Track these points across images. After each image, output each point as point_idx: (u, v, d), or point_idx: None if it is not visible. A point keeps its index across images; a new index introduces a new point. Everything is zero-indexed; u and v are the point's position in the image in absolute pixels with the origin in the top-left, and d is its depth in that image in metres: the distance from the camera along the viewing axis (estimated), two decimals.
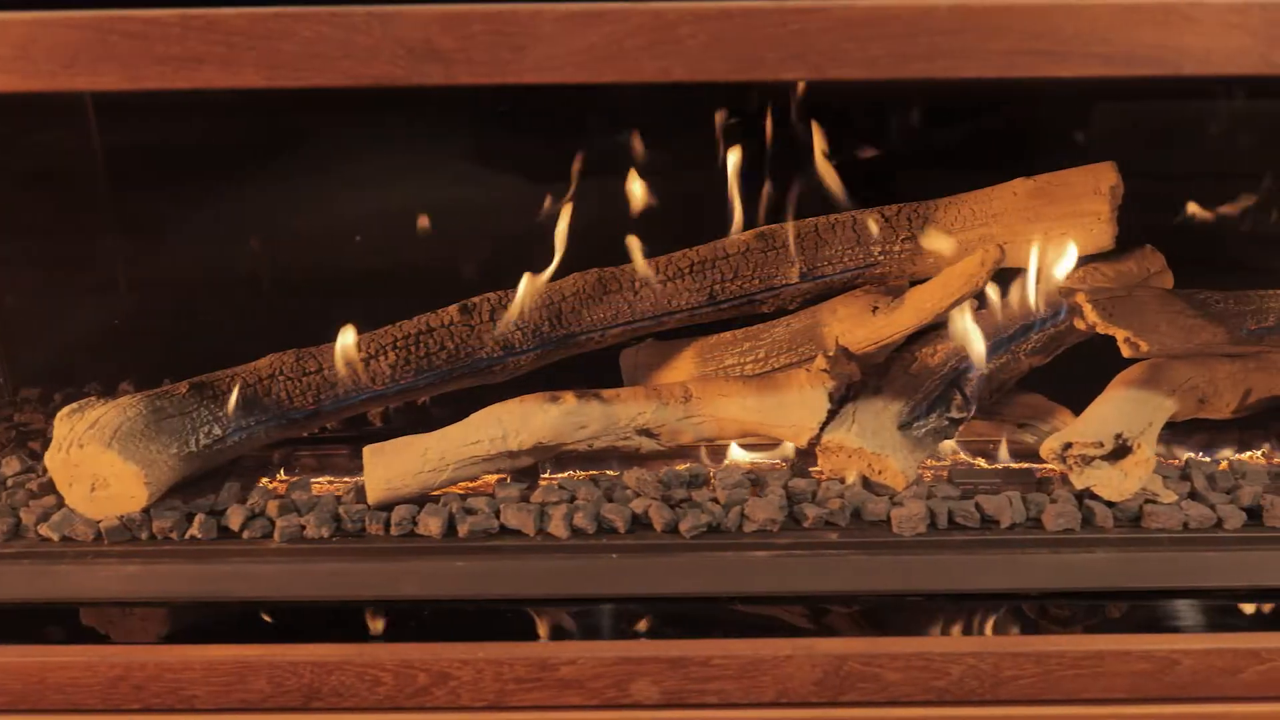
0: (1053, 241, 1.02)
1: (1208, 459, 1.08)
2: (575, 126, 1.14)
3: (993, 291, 1.00)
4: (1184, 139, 1.24)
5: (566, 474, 1.05)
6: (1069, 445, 0.96)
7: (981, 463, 1.07)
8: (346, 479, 1.06)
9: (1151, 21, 0.68)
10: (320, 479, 1.07)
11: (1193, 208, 1.19)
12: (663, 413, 1.01)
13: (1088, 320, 0.97)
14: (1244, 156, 1.23)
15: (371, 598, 0.93)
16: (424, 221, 1.17)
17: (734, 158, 1.07)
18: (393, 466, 0.98)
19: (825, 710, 0.86)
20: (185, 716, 0.86)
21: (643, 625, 0.91)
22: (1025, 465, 1.05)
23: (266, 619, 0.92)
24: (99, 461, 0.95)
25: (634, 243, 1.03)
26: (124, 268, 1.27)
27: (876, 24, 0.68)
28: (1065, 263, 1.00)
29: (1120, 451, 0.97)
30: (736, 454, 1.08)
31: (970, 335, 1.01)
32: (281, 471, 1.09)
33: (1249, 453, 1.10)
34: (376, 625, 0.91)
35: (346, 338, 1.03)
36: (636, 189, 1.05)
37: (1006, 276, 1.03)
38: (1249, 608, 0.91)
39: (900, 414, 1.01)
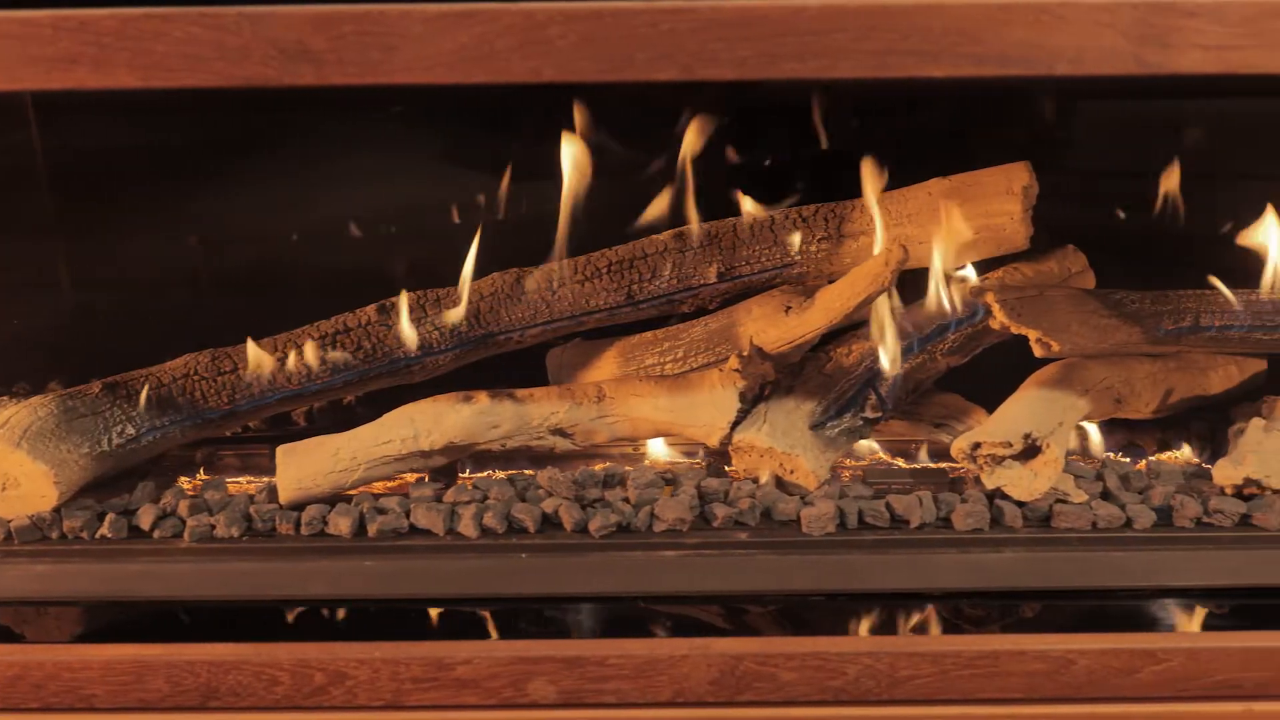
0: (968, 241, 1.01)
1: (1127, 459, 1.08)
2: (499, 125, 1.14)
3: (902, 292, 1.00)
4: (1144, 138, 1.24)
5: (485, 473, 1.05)
6: (978, 445, 0.96)
7: (901, 462, 1.08)
8: (266, 479, 1.06)
9: (1023, 21, 0.68)
10: (241, 479, 1.07)
11: (1138, 206, 1.19)
12: (576, 412, 1.01)
13: (995, 320, 0.97)
14: (1201, 156, 1.23)
15: (278, 597, 0.93)
16: (353, 221, 1.17)
17: (656, 158, 1.07)
18: (304, 466, 0.99)
19: (722, 710, 0.86)
20: (84, 716, 0.86)
21: (546, 625, 0.91)
22: (942, 465, 1.05)
23: (172, 619, 0.92)
24: (8, 461, 0.95)
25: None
26: (58, 268, 1.27)
27: (745, 24, 0.68)
28: (970, 263, 1.00)
29: (1031, 451, 0.97)
30: (656, 453, 1.08)
31: (885, 335, 1.01)
32: (202, 471, 1.09)
33: (1168, 453, 1.10)
34: (280, 625, 0.91)
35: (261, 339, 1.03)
36: (558, 189, 1.05)
37: (921, 277, 1.03)
38: (1153, 608, 0.91)
39: (813, 414, 1.01)
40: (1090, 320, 1.00)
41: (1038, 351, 0.99)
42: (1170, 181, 1.16)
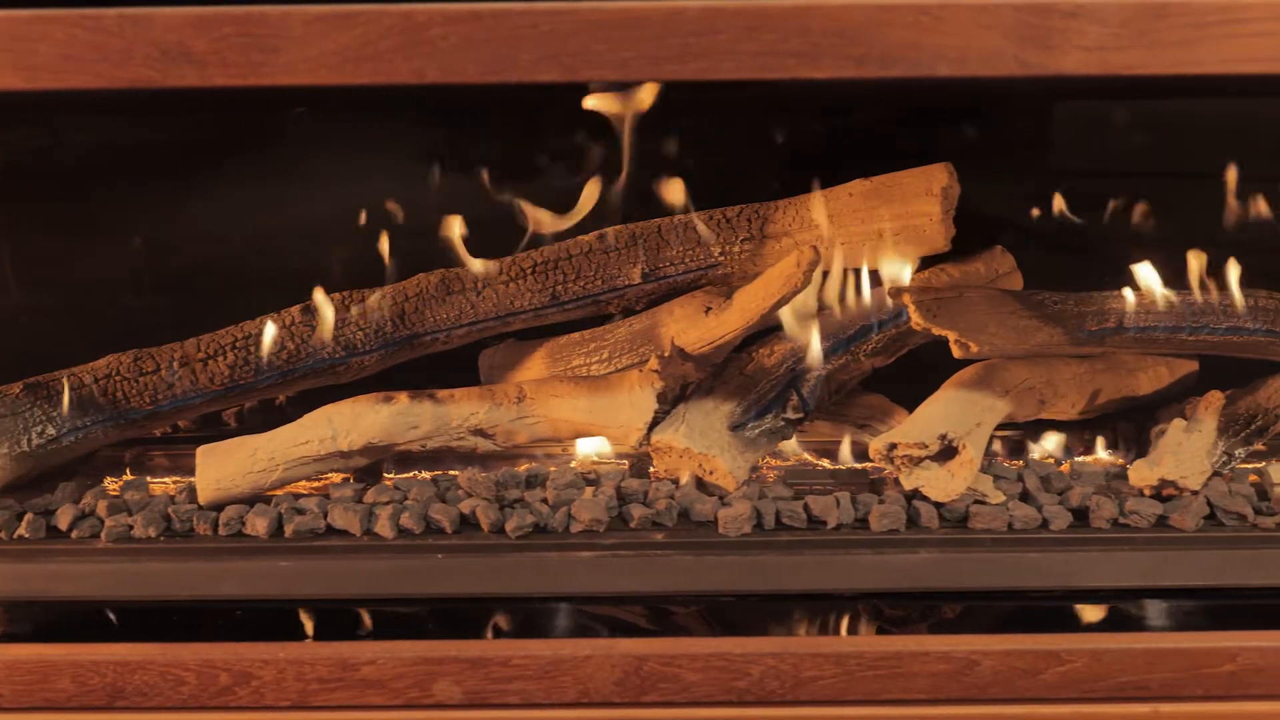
0: (887, 242, 1.01)
1: (1051, 460, 1.08)
2: (432, 127, 1.14)
3: (818, 292, 1.00)
4: (1092, 139, 1.24)
5: (411, 474, 1.05)
6: (894, 446, 0.96)
7: (826, 463, 1.08)
8: (189, 479, 1.06)
9: (903, 23, 0.68)
10: (167, 479, 1.07)
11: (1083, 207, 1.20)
12: (496, 413, 1.01)
13: (911, 320, 0.97)
14: (1150, 156, 1.23)
15: (191, 598, 0.93)
16: (289, 221, 1.18)
17: (582, 159, 1.07)
18: (224, 467, 0.99)
19: (627, 710, 0.86)
20: None
21: (459, 626, 0.91)
22: (865, 466, 1.05)
23: (83, 619, 0.92)
24: None
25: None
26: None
27: (627, 26, 0.68)
28: (892, 264, 1.00)
29: (949, 452, 0.97)
30: (582, 452, 1.08)
31: (805, 336, 1.01)
32: (129, 471, 1.09)
33: (1093, 455, 1.10)
34: (191, 625, 0.91)
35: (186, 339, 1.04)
36: (487, 189, 1.06)
37: (843, 278, 1.03)
38: (1065, 609, 0.91)
39: (732, 414, 1.01)
40: (1009, 321, 1.00)
41: (956, 353, 0.99)
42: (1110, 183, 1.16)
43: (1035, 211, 1.15)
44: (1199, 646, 0.85)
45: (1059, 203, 1.12)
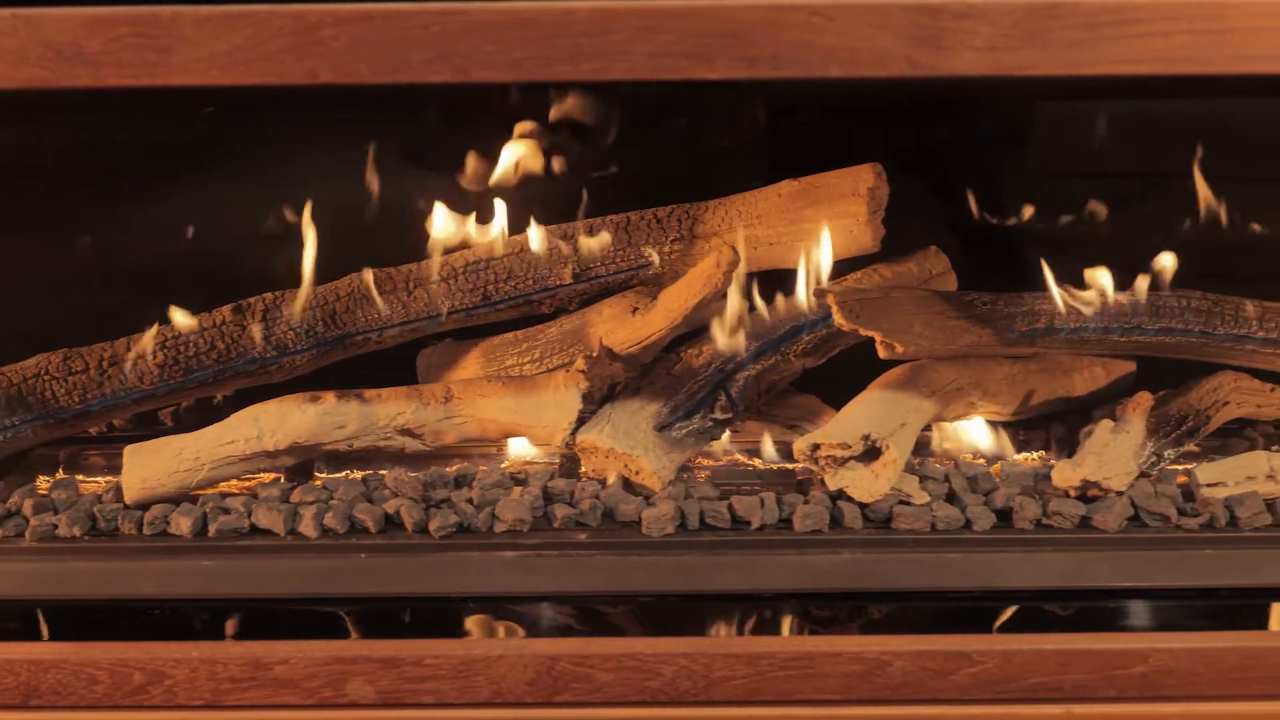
0: (814, 243, 1.02)
1: (982, 460, 1.08)
2: (362, 127, 1.14)
3: (737, 292, 1.00)
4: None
5: (344, 473, 1.06)
6: (817, 446, 0.96)
7: (758, 463, 1.08)
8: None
9: (795, 24, 0.68)
10: (99, 478, 1.08)
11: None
12: (423, 413, 1.01)
13: (834, 321, 0.97)
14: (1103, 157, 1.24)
15: (111, 597, 0.94)
16: (224, 220, 1.18)
17: (518, 159, 1.07)
18: (150, 466, 0.99)
19: (540, 710, 0.86)
20: None
21: (380, 625, 0.91)
22: (795, 466, 1.05)
23: (2, 618, 0.92)
24: None
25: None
26: None
27: (518, 26, 0.68)
28: (820, 264, 1.00)
29: (875, 453, 0.97)
30: (515, 452, 1.08)
31: (732, 337, 1.01)
32: (61, 470, 1.09)
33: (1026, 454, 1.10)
34: (109, 624, 0.91)
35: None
36: (422, 189, 1.06)
37: (772, 278, 1.03)
38: (984, 610, 0.91)
39: (658, 415, 1.01)
40: (935, 322, 1.00)
41: (882, 353, 0.99)
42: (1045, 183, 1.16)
43: (974, 212, 1.15)
44: (1111, 648, 0.85)
45: (981, 203, 1.12)
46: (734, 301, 1.00)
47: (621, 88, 1.09)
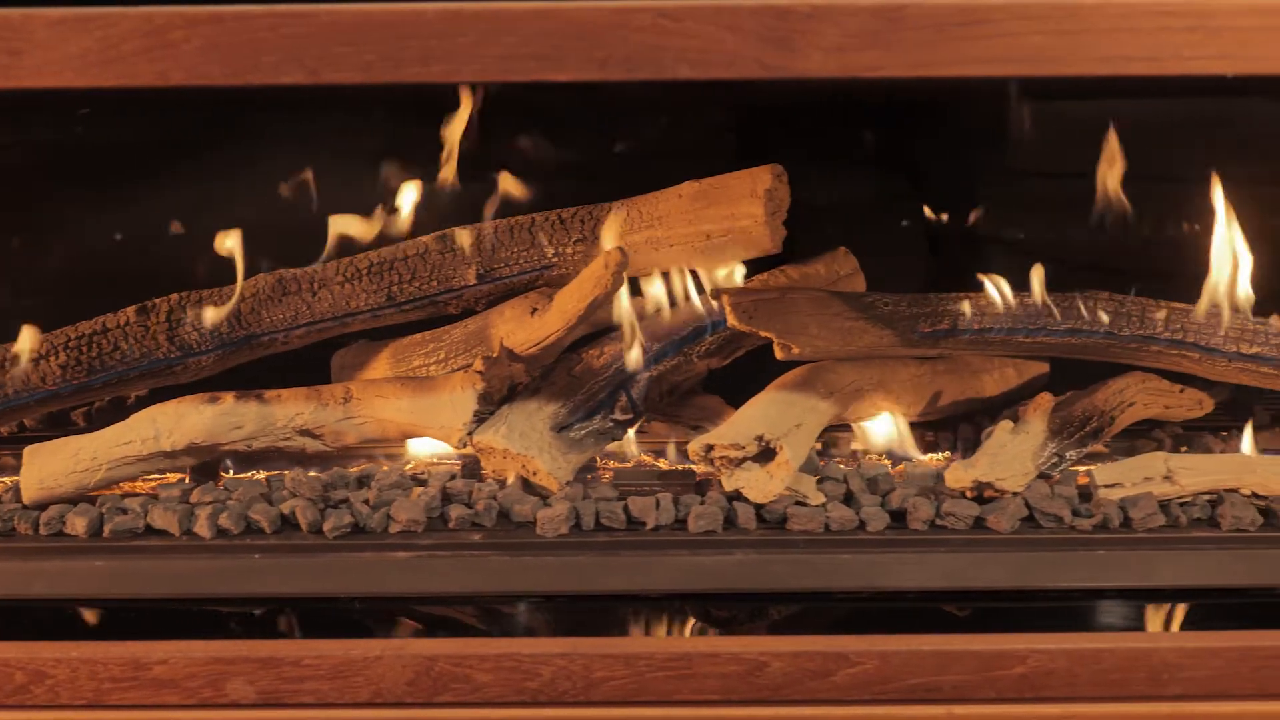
0: (713, 244, 1.02)
1: (888, 461, 1.08)
2: (276, 126, 1.15)
3: (624, 292, 1.01)
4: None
5: (250, 474, 1.06)
6: (711, 447, 0.96)
7: (663, 464, 1.08)
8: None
9: (643, 26, 0.68)
10: (6, 478, 1.08)
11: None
12: (321, 414, 1.01)
13: (728, 322, 0.97)
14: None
15: (3, 596, 0.94)
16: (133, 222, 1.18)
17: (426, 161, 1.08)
18: (48, 466, 0.99)
19: (420, 711, 0.86)
20: None
21: (268, 625, 0.91)
22: (697, 467, 1.05)
23: None
24: None
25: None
26: None
27: (367, 28, 0.68)
28: (716, 266, 1.00)
29: (769, 453, 0.97)
30: (423, 452, 1.09)
31: (629, 338, 1.01)
32: None
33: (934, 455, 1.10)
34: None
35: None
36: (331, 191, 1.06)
37: (674, 279, 1.04)
38: (868, 611, 0.91)
39: (556, 415, 1.01)
40: (833, 323, 1.00)
41: (779, 354, 0.99)
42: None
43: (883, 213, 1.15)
44: (989, 649, 0.85)
45: (898, 204, 1.12)
46: (627, 304, 1.00)
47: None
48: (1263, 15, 0.68)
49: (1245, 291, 1.05)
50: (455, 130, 1.03)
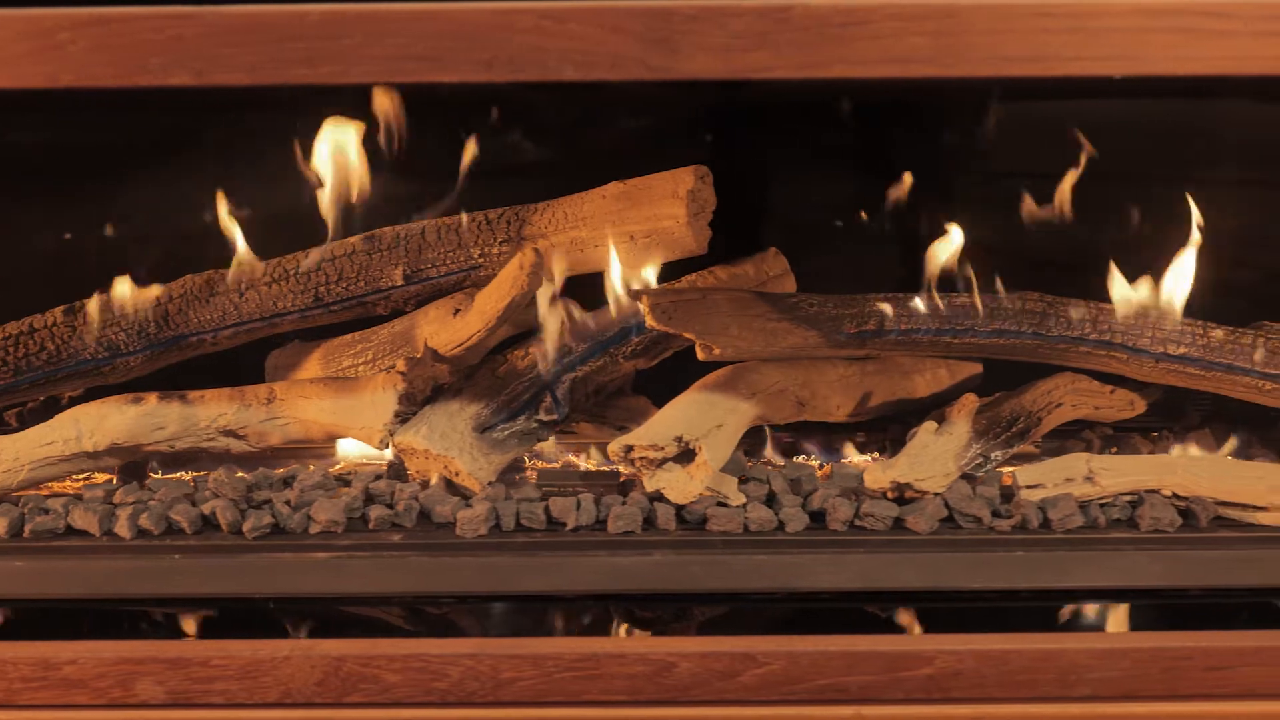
0: (635, 245, 1.02)
1: (816, 462, 1.08)
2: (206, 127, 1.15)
3: (548, 293, 1.01)
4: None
5: (178, 474, 1.06)
6: (630, 448, 0.96)
7: (590, 465, 1.08)
8: None
9: (526, 27, 0.68)
10: None
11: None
12: (245, 414, 1.01)
13: (646, 323, 0.97)
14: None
15: None
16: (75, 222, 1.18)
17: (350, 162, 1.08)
18: None
19: (329, 711, 0.86)
20: None
21: (182, 625, 0.91)
22: (621, 468, 1.05)
23: None
24: None
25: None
26: None
27: (252, 30, 0.68)
28: (637, 267, 1.00)
29: (692, 454, 0.97)
30: (344, 453, 1.09)
31: (549, 338, 1.01)
32: None
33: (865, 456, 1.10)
34: None
35: None
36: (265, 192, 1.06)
37: (596, 281, 1.04)
38: (780, 611, 0.91)
39: (479, 416, 1.01)
40: (755, 324, 1.00)
41: (700, 355, 0.99)
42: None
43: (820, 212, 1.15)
44: (896, 649, 0.85)
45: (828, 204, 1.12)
46: (549, 304, 1.00)
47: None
48: (1143, 16, 0.68)
49: (1173, 292, 1.05)
50: (379, 131, 1.03)
